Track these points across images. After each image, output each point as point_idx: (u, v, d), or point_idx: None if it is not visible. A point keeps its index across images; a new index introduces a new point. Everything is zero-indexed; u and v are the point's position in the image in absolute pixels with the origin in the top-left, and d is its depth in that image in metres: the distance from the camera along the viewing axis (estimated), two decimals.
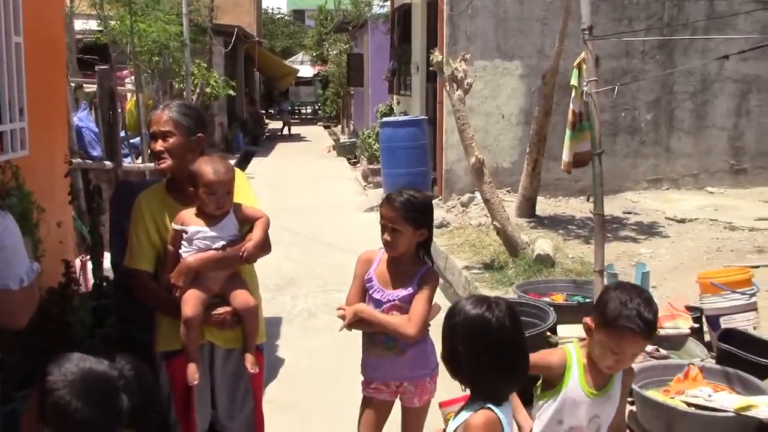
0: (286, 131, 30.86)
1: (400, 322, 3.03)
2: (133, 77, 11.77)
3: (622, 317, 2.46)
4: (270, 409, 4.67)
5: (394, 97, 16.62)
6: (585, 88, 5.52)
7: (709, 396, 4.04)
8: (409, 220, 3.01)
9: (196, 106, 3.46)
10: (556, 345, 5.30)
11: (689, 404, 4.01)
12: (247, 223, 3.06)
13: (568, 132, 6.45)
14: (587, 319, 2.71)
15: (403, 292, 3.08)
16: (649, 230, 9.06)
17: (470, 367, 2.20)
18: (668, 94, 11.31)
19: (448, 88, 7.83)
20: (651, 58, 11.19)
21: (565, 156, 6.70)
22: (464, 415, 2.21)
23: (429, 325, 3.16)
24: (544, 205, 10.48)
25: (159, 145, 3.03)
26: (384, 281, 3.13)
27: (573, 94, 6.93)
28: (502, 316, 2.22)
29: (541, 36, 10.95)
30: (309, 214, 11.81)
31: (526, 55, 11.01)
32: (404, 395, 3.19)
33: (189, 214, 2.96)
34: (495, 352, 2.18)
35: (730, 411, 3.83)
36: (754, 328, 5.12)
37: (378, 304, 3.11)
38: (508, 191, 10.80)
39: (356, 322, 3.08)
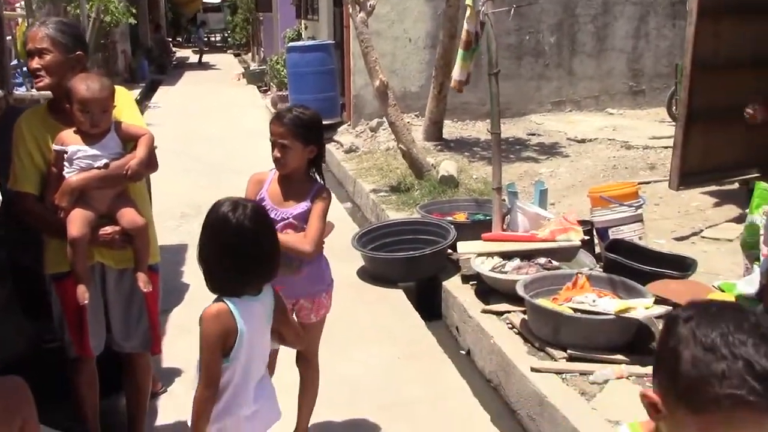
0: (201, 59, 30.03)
1: (296, 240, 3.07)
2: (23, 1, 11.13)
3: (724, 383, 1.14)
4: (176, 333, 4.73)
5: (302, 22, 16.32)
6: (482, 8, 5.56)
7: (594, 301, 4.29)
8: (297, 136, 3.03)
9: (75, 23, 3.34)
10: (457, 261, 5.50)
11: (575, 310, 4.24)
12: (130, 141, 3.02)
13: (461, 51, 6.47)
14: (648, 392, 1.34)
15: (296, 210, 3.12)
16: (551, 150, 9.34)
17: (209, 261, 2.39)
18: (571, 17, 11.51)
19: (350, 10, 7.76)
20: None
21: (457, 75, 6.72)
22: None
23: (323, 242, 3.22)
24: (452, 129, 10.63)
25: (35, 63, 2.93)
26: (277, 200, 3.15)
27: (468, 13, 6.96)
28: (242, 218, 2.37)
29: None
30: (218, 142, 11.63)
31: None
32: (301, 312, 3.26)
33: (69, 133, 2.90)
34: (230, 251, 2.35)
35: (611, 314, 4.08)
36: (640, 239, 5.42)
37: None
38: (416, 115, 10.89)
39: None
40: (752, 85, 5.82)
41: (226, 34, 38.46)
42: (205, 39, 33.72)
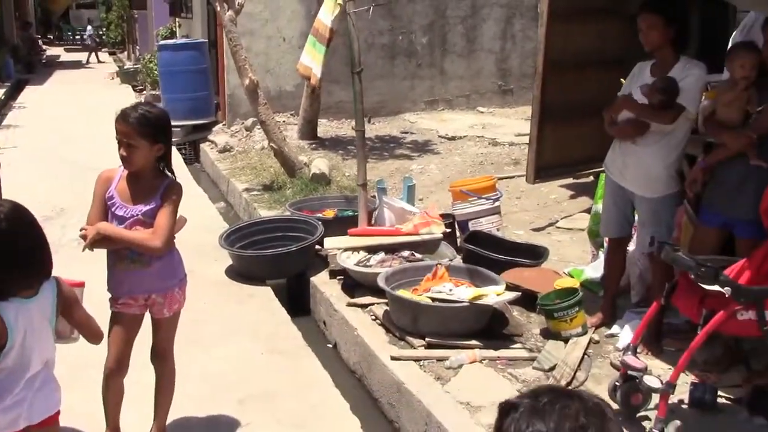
0: (93, 59, 28.72)
1: (144, 236, 3.07)
2: None
3: None
4: None
5: (176, 20, 15.99)
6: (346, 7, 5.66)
7: (450, 290, 4.48)
8: (143, 135, 3.03)
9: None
10: (326, 257, 5.59)
11: (433, 299, 4.42)
12: None
13: (323, 48, 6.49)
14: None
15: (145, 207, 3.11)
16: (423, 148, 9.60)
17: None
18: (442, 18, 11.83)
19: (218, 8, 7.70)
20: None
21: (317, 71, 6.71)
22: None
23: (174, 237, 3.23)
24: (327, 128, 10.72)
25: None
26: (126, 197, 3.14)
27: (336, 11, 7.04)
28: None
29: None
30: (86, 143, 11.19)
31: None
32: (153, 307, 3.25)
33: None
34: None
35: (465, 302, 4.27)
36: (498, 230, 5.68)
37: (121, 221, 3.11)
38: (292, 114, 10.92)
39: (100, 240, 3.08)
40: (598, 83, 6.18)
41: (101, 32, 37.04)
42: (96, 38, 32.12)
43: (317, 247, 5.69)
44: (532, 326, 4.52)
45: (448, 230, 5.58)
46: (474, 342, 4.23)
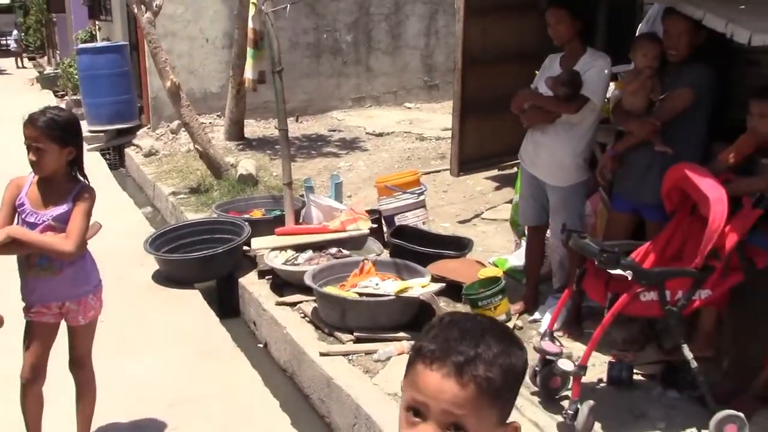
0: (13, 66, 27.78)
1: (56, 240, 3.00)
2: None
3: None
4: None
5: (96, 23, 15.62)
6: (262, 7, 5.66)
7: (377, 285, 4.53)
8: (52, 139, 2.98)
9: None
10: (254, 258, 5.57)
11: (360, 294, 4.47)
12: None
13: (250, 50, 6.52)
14: None
15: (56, 211, 3.05)
16: (351, 145, 9.63)
17: None
18: (366, 15, 11.88)
19: (136, 10, 7.59)
20: None
21: (249, 74, 6.78)
22: None
23: (86, 242, 3.17)
24: (254, 128, 10.66)
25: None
26: (36, 203, 3.08)
27: (252, 11, 7.04)
28: None
29: None
30: (1, 150, 10.90)
31: None
32: (68, 315, 3.18)
33: None
34: None
35: (391, 295, 4.33)
36: (424, 223, 5.76)
37: (32, 227, 3.04)
38: (218, 115, 10.81)
39: (9, 245, 3.00)
40: (517, 76, 6.33)
41: (20, 36, 35.84)
42: (23, 43, 30.96)
43: (245, 247, 5.67)
44: None
45: (375, 226, 5.63)
46: (402, 334, 4.29)
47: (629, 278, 3.20)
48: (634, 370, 3.80)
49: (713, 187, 3.21)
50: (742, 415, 3.20)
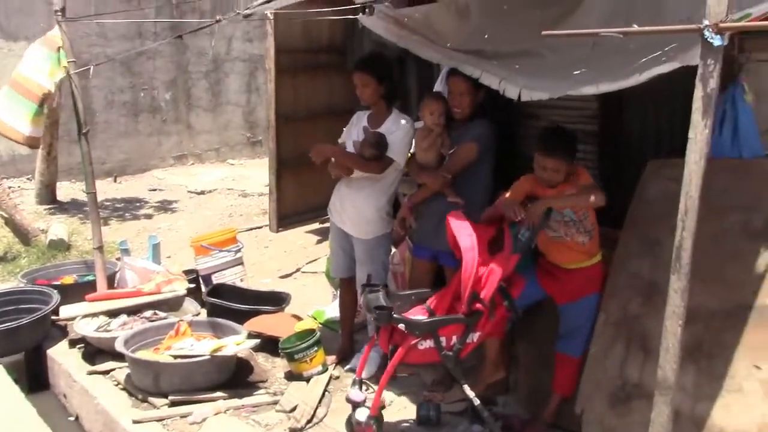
0: None
1: None
2: None
3: None
4: None
5: None
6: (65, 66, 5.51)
7: (192, 346, 4.50)
8: None
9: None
10: (65, 327, 5.34)
11: (175, 356, 4.41)
12: None
13: (34, 106, 6.03)
14: None
15: None
16: (171, 205, 9.48)
17: None
18: (184, 73, 11.84)
19: None
20: (164, 39, 11.54)
21: (28, 130, 6.14)
22: None
23: None
24: (68, 190, 10.23)
25: None
26: None
27: (54, 74, 6.78)
28: None
29: (48, 16, 10.52)
30: None
31: (32, 35, 10.48)
32: None
33: None
34: None
35: (206, 354, 4.31)
36: (242, 280, 5.79)
37: None
38: (28, 179, 10.29)
39: None
40: (329, 132, 6.57)
41: None
42: None
43: (53, 317, 5.42)
44: (276, 371, 4.66)
45: (193, 286, 5.59)
46: (218, 394, 4.28)
47: (405, 331, 3.43)
48: (443, 409, 4.01)
49: (466, 236, 3.51)
50: None
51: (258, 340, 4.57)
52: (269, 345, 4.79)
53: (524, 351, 4.13)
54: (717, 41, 1.94)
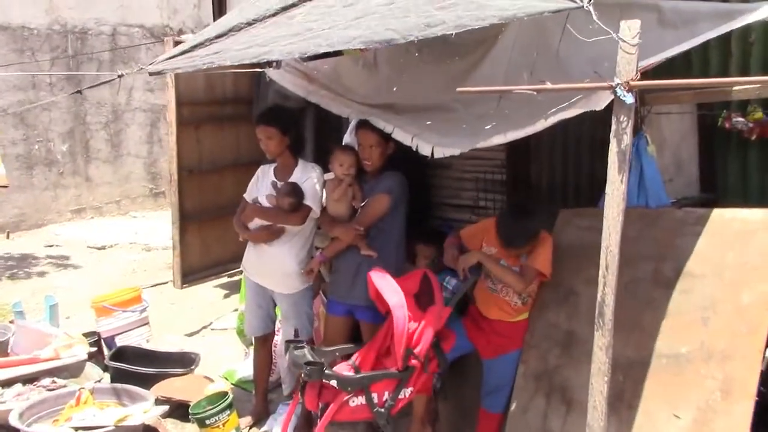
0: None
1: None
2: None
3: None
4: None
5: None
6: None
7: (94, 416, 4.23)
8: None
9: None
10: None
11: (77, 429, 4.13)
12: None
13: None
14: None
15: None
16: (69, 261, 9.05)
17: None
18: (82, 124, 11.43)
19: None
20: (60, 90, 11.15)
21: None
22: None
23: None
24: None
25: None
26: None
27: None
28: None
29: None
30: None
31: None
32: None
33: None
34: None
35: (110, 426, 4.05)
36: (148, 341, 5.53)
37: None
38: None
39: None
40: (236, 184, 6.44)
41: None
42: None
43: None
44: None
45: (95, 349, 5.30)
46: None
47: (336, 387, 3.33)
48: None
49: (392, 292, 3.46)
50: None
51: (166, 407, 4.36)
52: (179, 410, 4.57)
53: (445, 405, 4.08)
54: (629, 99, 1.98)
